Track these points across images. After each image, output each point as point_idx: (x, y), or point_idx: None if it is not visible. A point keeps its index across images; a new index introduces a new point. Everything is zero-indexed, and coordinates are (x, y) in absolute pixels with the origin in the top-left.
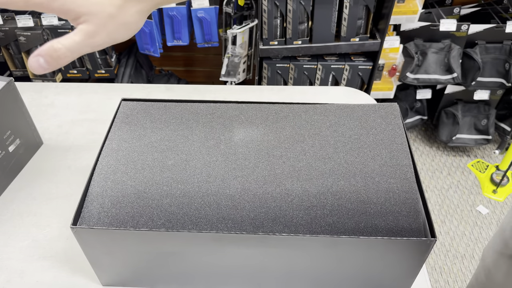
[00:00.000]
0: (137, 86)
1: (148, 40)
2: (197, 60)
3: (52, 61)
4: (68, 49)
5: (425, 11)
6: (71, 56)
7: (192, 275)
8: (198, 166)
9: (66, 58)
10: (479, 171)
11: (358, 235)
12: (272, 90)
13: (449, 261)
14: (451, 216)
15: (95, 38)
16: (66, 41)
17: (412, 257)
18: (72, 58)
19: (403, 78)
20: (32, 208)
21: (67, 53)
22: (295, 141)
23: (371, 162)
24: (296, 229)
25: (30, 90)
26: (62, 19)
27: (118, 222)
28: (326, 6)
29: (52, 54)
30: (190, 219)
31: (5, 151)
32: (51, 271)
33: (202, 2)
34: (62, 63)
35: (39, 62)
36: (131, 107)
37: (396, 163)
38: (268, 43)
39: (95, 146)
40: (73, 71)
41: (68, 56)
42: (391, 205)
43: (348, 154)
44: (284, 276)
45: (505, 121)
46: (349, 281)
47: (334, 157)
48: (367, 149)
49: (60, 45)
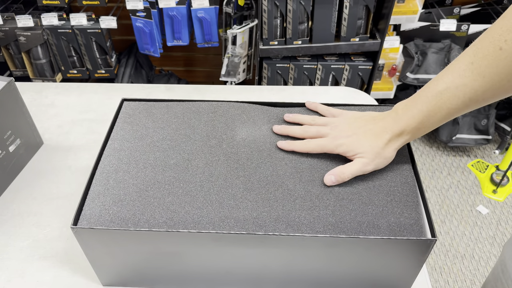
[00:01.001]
0: (137, 86)
1: (148, 40)
2: (197, 60)
3: (339, 179)
4: (351, 173)
5: (425, 11)
6: (350, 177)
7: (192, 275)
8: (200, 165)
9: (347, 178)
10: (479, 171)
11: (361, 235)
12: (272, 90)
13: (449, 261)
14: (451, 216)
15: (367, 167)
16: (351, 168)
17: (412, 257)
18: (349, 178)
19: (403, 78)
20: (33, 208)
21: (349, 176)
22: None
23: None
24: (298, 228)
25: (30, 90)
26: (62, 19)
27: (120, 220)
28: (326, 6)
29: (340, 175)
30: (192, 218)
31: (5, 151)
32: (51, 271)
33: (202, 2)
34: (343, 180)
35: (331, 179)
36: (133, 107)
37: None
38: (268, 43)
39: (95, 146)
40: (73, 71)
41: (349, 177)
42: (392, 206)
43: None
44: (284, 276)
45: (505, 121)
46: (349, 280)
47: (335, 159)
48: None
49: (347, 172)
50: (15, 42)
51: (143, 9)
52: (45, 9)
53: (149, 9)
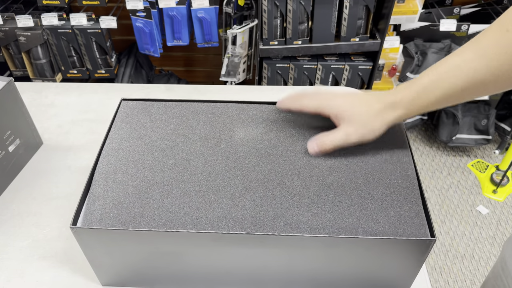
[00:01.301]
0: (137, 86)
1: (148, 40)
2: (197, 60)
3: (321, 149)
4: (332, 143)
5: (425, 11)
6: (332, 147)
7: (191, 275)
8: (199, 165)
9: (328, 148)
10: (479, 171)
11: (360, 230)
12: (272, 90)
13: (449, 261)
14: (451, 216)
15: (350, 137)
16: (333, 137)
17: (412, 257)
18: (332, 148)
19: (403, 78)
20: (32, 208)
21: (330, 145)
22: (295, 140)
23: (372, 158)
24: (297, 226)
25: (30, 90)
26: (62, 19)
27: (120, 223)
28: (326, 6)
29: (322, 145)
30: (191, 219)
31: (5, 151)
32: (51, 271)
33: (202, 2)
34: (325, 150)
35: (314, 148)
36: (131, 106)
37: (397, 160)
38: (268, 43)
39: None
40: (73, 71)
41: (330, 147)
42: (392, 199)
43: (348, 151)
44: (283, 276)
45: (505, 121)
46: (348, 280)
47: (334, 154)
48: (367, 146)
49: (328, 140)
50: (15, 42)
51: (143, 9)
52: (45, 9)
53: (149, 9)
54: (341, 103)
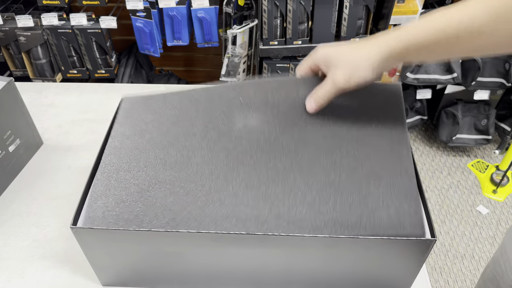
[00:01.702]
0: (137, 86)
1: (148, 40)
2: (197, 60)
3: (318, 104)
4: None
5: (425, 11)
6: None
7: (192, 275)
8: (200, 163)
9: (323, 101)
10: (479, 171)
11: (360, 229)
12: None
13: (449, 261)
14: (451, 216)
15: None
16: (323, 89)
17: (412, 257)
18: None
19: (403, 78)
20: (32, 208)
21: (324, 97)
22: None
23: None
24: (299, 225)
25: (30, 90)
26: (62, 19)
27: (123, 221)
28: (326, 6)
29: (318, 100)
30: (194, 218)
31: (5, 151)
32: (51, 271)
33: (202, 2)
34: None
35: (312, 106)
36: (132, 101)
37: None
38: (268, 43)
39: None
40: (73, 71)
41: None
42: (391, 197)
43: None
44: (284, 276)
45: (505, 121)
46: (348, 280)
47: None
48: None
49: (321, 93)
50: (15, 42)
51: (143, 9)
52: (45, 9)
53: (149, 9)
54: (327, 51)
